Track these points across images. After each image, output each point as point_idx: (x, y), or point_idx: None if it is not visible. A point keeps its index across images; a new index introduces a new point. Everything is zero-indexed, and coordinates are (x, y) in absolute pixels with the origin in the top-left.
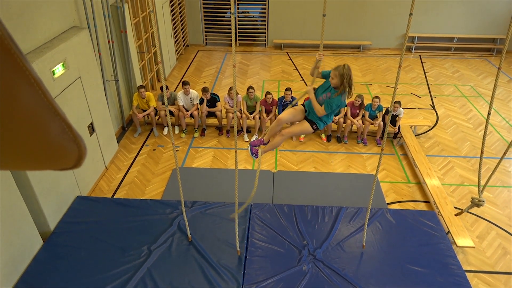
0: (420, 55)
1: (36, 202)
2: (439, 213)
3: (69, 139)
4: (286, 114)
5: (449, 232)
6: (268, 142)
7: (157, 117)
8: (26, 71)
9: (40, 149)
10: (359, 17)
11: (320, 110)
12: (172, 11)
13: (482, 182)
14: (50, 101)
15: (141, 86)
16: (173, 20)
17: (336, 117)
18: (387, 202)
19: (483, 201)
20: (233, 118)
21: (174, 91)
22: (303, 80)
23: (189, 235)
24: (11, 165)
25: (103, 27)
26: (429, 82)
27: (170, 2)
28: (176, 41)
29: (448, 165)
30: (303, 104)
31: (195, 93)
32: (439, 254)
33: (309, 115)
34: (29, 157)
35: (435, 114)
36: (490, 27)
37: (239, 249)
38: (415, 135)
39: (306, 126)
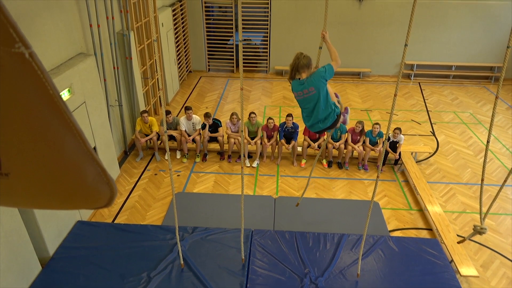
0: (419, 82)
1: (37, 227)
2: (442, 241)
3: (103, 182)
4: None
5: (452, 260)
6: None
7: (159, 142)
8: (70, 123)
9: (78, 191)
10: (358, 45)
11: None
12: (176, 38)
13: (484, 210)
14: (88, 149)
15: (144, 111)
16: (177, 46)
17: (337, 143)
18: (389, 229)
19: (485, 229)
20: (234, 143)
21: (177, 116)
22: None
23: (182, 262)
24: (50, 206)
25: (109, 53)
26: (428, 109)
27: (175, 30)
28: (179, 67)
29: (449, 192)
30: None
31: (197, 118)
32: (443, 284)
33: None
34: (68, 198)
35: (436, 140)
36: (488, 55)
37: (243, 256)
38: (416, 162)
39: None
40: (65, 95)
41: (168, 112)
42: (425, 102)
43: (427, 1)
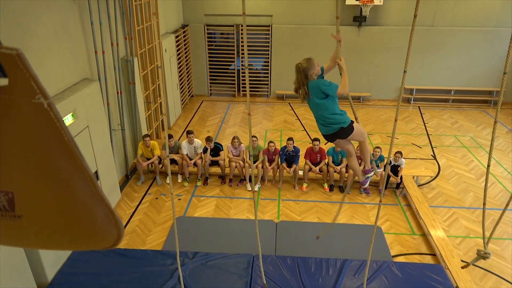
0: (419, 106)
1: (36, 252)
2: (446, 267)
3: (111, 223)
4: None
5: (457, 287)
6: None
7: (160, 166)
8: (83, 168)
9: (87, 233)
10: (358, 69)
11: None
12: (178, 63)
13: (487, 234)
14: (99, 192)
15: (146, 135)
16: (179, 71)
17: (338, 167)
18: (392, 254)
19: (489, 254)
20: (235, 167)
21: (179, 140)
22: (305, 130)
23: None
24: (59, 246)
25: (113, 79)
26: (429, 133)
27: (177, 55)
28: (181, 92)
29: (452, 216)
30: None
31: (199, 142)
32: None
33: (329, 133)
34: (77, 239)
35: (437, 164)
36: (486, 80)
37: (265, 282)
38: (418, 186)
39: (356, 125)
40: (68, 119)
41: (170, 136)
42: (425, 126)
43: (425, 28)
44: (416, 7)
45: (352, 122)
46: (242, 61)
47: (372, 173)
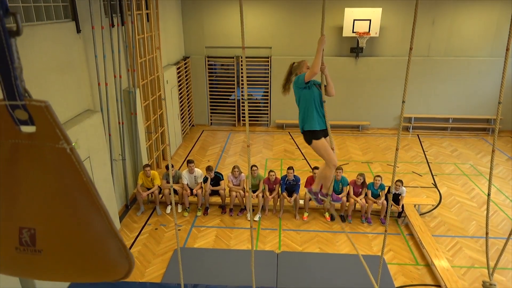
0: (418, 135)
1: (32, 284)
2: None
3: (123, 256)
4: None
5: None
6: (325, 194)
7: (160, 195)
8: (99, 206)
9: (100, 265)
10: (356, 99)
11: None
12: (179, 93)
13: (492, 264)
14: (113, 228)
15: (147, 165)
16: (180, 101)
17: (340, 195)
18: (396, 286)
19: (495, 285)
20: (236, 196)
21: (179, 169)
22: (305, 159)
23: None
24: (73, 278)
25: (115, 109)
26: (429, 161)
27: (179, 86)
28: (182, 121)
29: (456, 245)
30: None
31: (199, 171)
32: None
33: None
34: (90, 271)
35: (438, 192)
36: (483, 108)
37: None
38: (420, 214)
39: (317, 144)
40: None
41: (171, 166)
42: (425, 154)
43: (421, 58)
44: (411, 40)
45: (315, 134)
46: (242, 92)
47: (327, 201)
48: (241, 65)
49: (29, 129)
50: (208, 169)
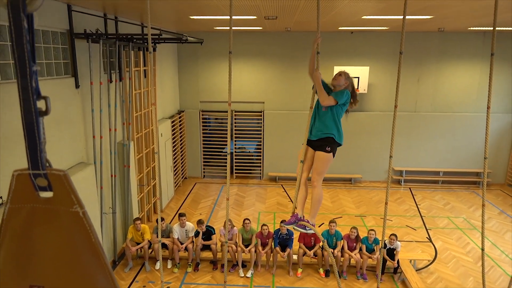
0: (410, 188)
1: None
2: None
3: None
4: (301, 153)
5: None
6: (306, 220)
7: (150, 250)
8: (105, 265)
9: None
10: (348, 152)
11: (326, 98)
12: (173, 146)
13: None
14: (115, 284)
15: (137, 219)
16: (174, 154)
17: (335, 250)
18: None
19: None
20: (228, 251)
21: (170, 223)
22: None
23: None
24: None
25: (108, 162)
26: (422, 214)
27: (173, 139)
28: (175, 174)
29: None
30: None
31: (190, 225)
32: None
33: (314, 138)
34: None
35: (433, 247)
36: (472, 161)
37: None
38: (416, 270)
39: (322, 155)
40: None
41: (161, 219)
42: (418, 208)
43: (408, 113)
44: (396, 98)
45: (333, 151)
46: (235, 144)
47: (305, 230)
48: (235, 119)
49: (47, 194)
50: (200, 222)
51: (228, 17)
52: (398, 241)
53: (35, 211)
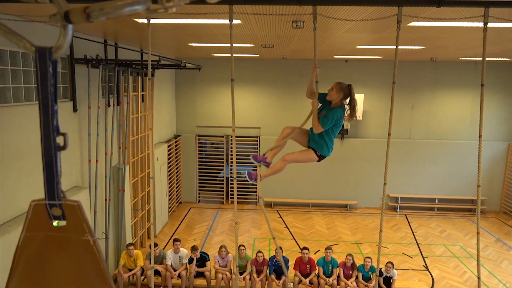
0: (405, 215)
1: None
2: None
3: None
4: (291, 127)
5: None
6: (270, 163)
7: (142, 277)
8: (108, 280)
9: None
10: (344, 178)
11: (316, 126)
12: (169, 170)
13: None
14: None
15: (130, 244)
16: (169, 178)
17: (330, 279)
18: None
19: None
20: (222, 279)
21: (164, 249)
22: (294, 238)
23: None
24: None
25: (103, 186)
26: (418, 242)
27: (168, 163)
28: (170, 199)
29: None
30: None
31: (184, 251)
32: None
33: (310, 143)
34: None
35: (430, 276)
36: (467, 188)
37: None
38: None
39: (310, 153)
40: None
41: (155, 245)
42: (414, 235)
43: (403, 140)
44: (389, 126)
45: (319, 157)
46: (231, 169)
47: (261, 164)
48: (231, 143)
49: (60, 223)
50: (194, 248)
51: (226, 45)
52: (395, 269)
53: (48, 238)
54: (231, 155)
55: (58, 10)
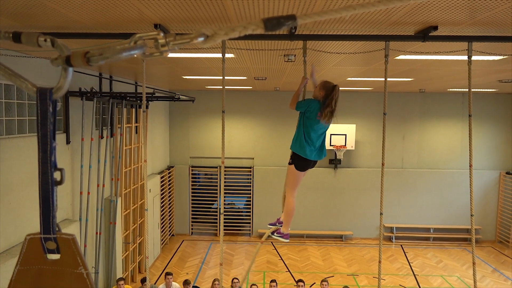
0: (401, 245)
1: None
2: None
3: None
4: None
5: None
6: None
7: None
8: None
9: None
10: (338, 208)
11: (292, 101)
12: (161, 202)
13: None
14: None
15: (121, 279)
16: (161, 210)
17: None
18: None
19: None
20: None
21: (155, 283)
22: (289, 271)
23: None
24: None
25: (94, 219)
26: (415, 273)
27: (161, 195)
28: (162, 231)
29: None
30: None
31: (177, 285)
32: None
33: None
34: None
35: None
36: (461, 218)
37: None
38: None
39: (289, 168)
40: None
41: (144, 280)
42: (410, 266)
43: (396, 169)
44: (383, 156)
45: (294, 162)
46: (225, 200)
47: (281, 238)
48: (224, 174)
49: (54, 256)
50: (186, 283)
51: (219, 77)
52: None
53: (42, 272)
54: (225, 186)
55: (60, 54)
